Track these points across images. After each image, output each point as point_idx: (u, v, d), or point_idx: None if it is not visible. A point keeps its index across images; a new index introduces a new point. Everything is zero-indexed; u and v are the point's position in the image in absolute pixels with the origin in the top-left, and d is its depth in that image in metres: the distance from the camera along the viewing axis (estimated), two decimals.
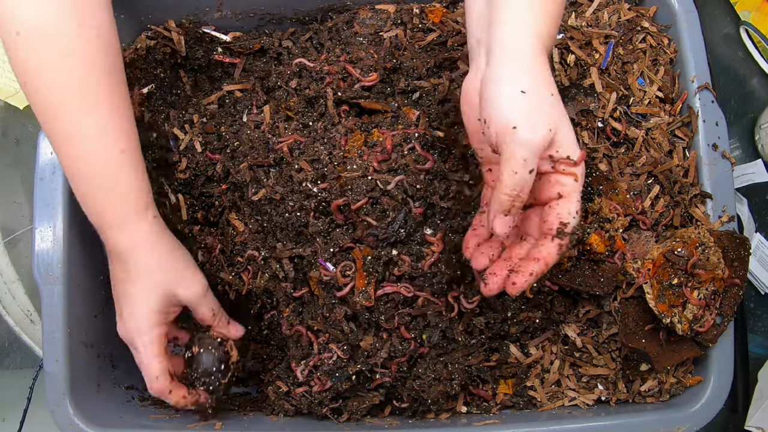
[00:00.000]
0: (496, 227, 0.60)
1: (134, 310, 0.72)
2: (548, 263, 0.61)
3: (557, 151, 0.59)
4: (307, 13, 0.90)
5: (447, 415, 0.82)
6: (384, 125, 0.80)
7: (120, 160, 0.69)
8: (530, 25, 0.60)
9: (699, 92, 0.83)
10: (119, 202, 0.70)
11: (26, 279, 0.98)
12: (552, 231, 0.61)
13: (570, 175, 0.60)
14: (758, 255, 0.97)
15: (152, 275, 0.72)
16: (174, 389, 0.74)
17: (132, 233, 0.71)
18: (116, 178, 0.69)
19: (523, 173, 0.57)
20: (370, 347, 0.77)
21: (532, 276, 0.61)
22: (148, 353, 0.73)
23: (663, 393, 0.81)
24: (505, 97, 0.58)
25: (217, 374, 0.77)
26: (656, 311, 0.76)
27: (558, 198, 0.61)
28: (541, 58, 0.60)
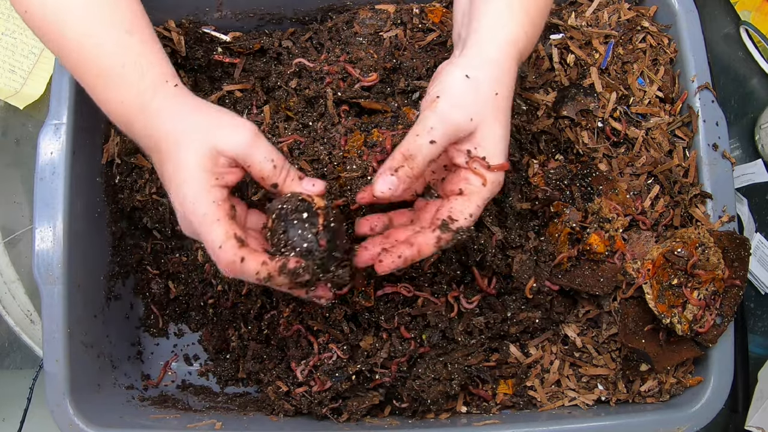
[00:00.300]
0: (377, 183, 0.59)
1: (183, 186, 0.60)
2: (421, 252, 0.60)
3: (475, 149, 0.60)
4: (307, 13, 0.90)
5: (447, 415, 0.82)
6: (384, 125, 0.80)
7: (127, 40, 0.64)
8: (506, 25, 0.62)
9: (699, 92, 0.83)
10: (135, 82, 0.63)
11: (26, 279, 0.97)
12: (437, 221, 0.60)
13: (479, 177, 0.60)
14: (758, 255, 0.97)
15: (186, 137, 0.61)
16: (248, 255, 0.58)
17: (154, 110, 0.63)
18: (125, 57, 0.63)
19: (423, 139, 0.58)
20: (370, 347, 0.77)
21: (400, 259, 0.60)
22: (206, 222, 0.59)
23: (663, 393, 0.81)
24: (450, 77, 0.60)
25: (306, 233, 0.60)
26: (656, 311, 0.76)
27: (459, 194, 0.61)
28: (506, 59, 0.61)
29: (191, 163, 0.60)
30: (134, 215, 0.90)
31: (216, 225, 0.58)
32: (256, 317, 0.85)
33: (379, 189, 0.59)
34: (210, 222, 0.59)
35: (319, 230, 0.60)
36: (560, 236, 0.79)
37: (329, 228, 0.61)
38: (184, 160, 0.60)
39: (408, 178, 0.59)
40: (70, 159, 0.78)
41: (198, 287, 0.89)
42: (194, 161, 0.60)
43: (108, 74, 0.63)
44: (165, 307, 0.92)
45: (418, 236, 0.61)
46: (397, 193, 0.59)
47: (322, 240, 0.60)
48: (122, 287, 0.90)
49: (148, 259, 0.91)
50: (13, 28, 1.02)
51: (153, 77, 0.64)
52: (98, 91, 0.65)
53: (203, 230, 0.59)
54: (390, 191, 0.58)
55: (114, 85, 0.63)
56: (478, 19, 0.63)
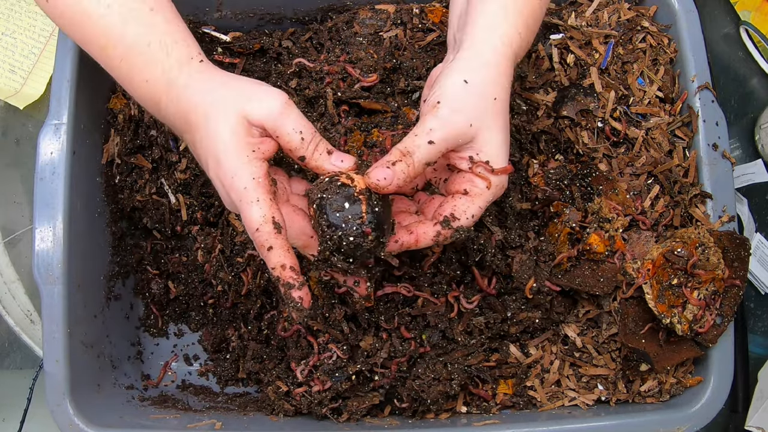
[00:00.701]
0: (372, 172, 0.58)
1: (221, 159, 0.58)
2: (418, 241, 0.61)
3: (477, 155, 0.61)
4: (307, 13, 0.90)
5: (447, 415, 0.82)
6: (384, 125, 0.80)
7: (151, 19, 0.63)
8: (500, 26, 0.62)
9: (699, 92, 0.83)
10: (161, 60, 0.62)
11: (26, 279, 0.97)
12: (440, 217, 0.61)
13: (483, 180, 0.61)
14: (758, 255, 0.97)
15: (215, 109, 0.59)
16: (276, 249, 0.56)
17: (182, 86, 0.62)
18: (149, 36, 0.62)
19: (421, 139, 0.59)
20: (370, 347, 0.77)
21: (397, 244, 0.60)
22: (246, 199, 0.57)
23: (663, 393, 0.81)
24: (449, 81, 0.60)
25: (351, 225, 0.57)
26: (656, 311, 0.76)
27: (463, 194, 0.61)
28: (502, 60, 0.62)
29: (225, 134, 0.58)
30: (134, 215, 0.90)
31: (255, 206, 0.57)
32: (256, 317, 0.85)
33: (375, 177, 0.58)
34: (249, 201, 0.57)
35: (364, 220, 0.57)
36: (560, 236, 0.79)
37: (374, 213, 0.58)
38: (214, 132, 0.59)
39: (403, 174, 0.58)
40: (70, 159, 0.78)
41: (198, 287, 0.89)
42: (227, 131, 0.58)
43: (133, 54, 0.62)
44: (165, 307, 0.93)
45: (419, 226, 0.61)
46: (390, 186, 0.58)
47: (367, 229, 0.58)
48: (122, 287, 0.90)
49: (148, 259, 0.91)
50: (13, 28, 1.02)
51: (179, 54, 0.62)
52: (123, 73, 0.64)
53: (242, 207, 0.57)
54: (385, 182, 0.58)
55: (140, 64, 0.62)
56: (473, 21, 0.63)
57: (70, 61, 0.79)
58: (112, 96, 0.88)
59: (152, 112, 0.66)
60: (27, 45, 1.02)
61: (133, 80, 0.64)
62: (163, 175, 0.88)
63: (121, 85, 0.66)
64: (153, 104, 0.64)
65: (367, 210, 0.58)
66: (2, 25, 1.02)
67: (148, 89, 0.63)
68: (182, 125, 0.62)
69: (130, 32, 0.62)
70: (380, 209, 0.59)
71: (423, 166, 0.59)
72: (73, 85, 0.79)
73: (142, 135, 0.88)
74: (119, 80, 0.65)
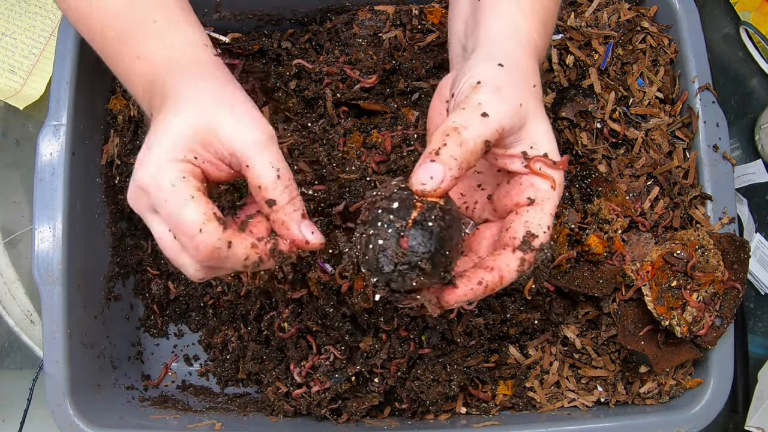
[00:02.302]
0: (415, 175, 0.45)
1: (153, 147, 0.49)
2: (503, 278, 0.48)
3: (531, 148, 0.50)
4: (306, 14, 0.90)
5: (446, 416, 0.82)
6: (383, 126, 0.80)
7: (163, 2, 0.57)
8: (521, 29, 0.55)
9: (699, 93, 0.83)
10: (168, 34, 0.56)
11: (26, 279, 0.98)
12: (515, 242, 0.49)
13: (546, 179, 0.49)
14: (758, 255, 0.97)
15: (188, 102, 0.51)
16: (235, 239, 0.48)
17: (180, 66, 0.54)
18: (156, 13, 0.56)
19: (472, 112, 0.46)
20: (370, 348, 0.77)
21: (480, 286, 0.47)
22: (176, 197, 0.47)
23: (662, 395, 0.81)
24: (481, 68, 0.51)
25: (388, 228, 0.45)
26: (655, 313, 0.76)
27: (529, 204, 0.49)
28: (528, 56, 0.54)
29: (175, 127, 0.49)
30: (134, 216, 0.90)
31: (191, 203, 0.47)
32: (256, 318, 0.85)
33: (419, 180, 0.45)
34: (181, 200, 0.47)
35: (407, 226, 0.45)
36: (559, 237, 0.79)
37: (425, 227, 0.45)
38: (169, 121, 0.49)
39: (456, 162, 0.45)
40: (69, 160, 0.78)
41: (198, 288, 0.89)
42: (180, 127, 0.49)
43: (137, 28, 0.56)
44: (165, 308, 0.93)
45: (497, 259, 0.49)
46: (444, 184, 0.45)
47: (404, 239, 0.45)
48: (122, 288, 0.90)
49: (148, 260, 0.91)
50: (13, 29, 1.02)
51: (185, 36, 0.56)
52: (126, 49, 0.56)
53: (170, 208, 0.47)
54: (433, 182, 0.45)
55: (140, 39, 0.55)
56: (486, 24, 0.56)
57: (69, 62, 0.79)
58: (111, 97, 0.88)
59: (141, 93, 0.57)
60: (27, 45, 1.02)
61: (130, 57, 0.56)
62: None
63: (112, 66, 0.59)
64: (145, 84, 0.56)
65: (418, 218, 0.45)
66: (2, 25, 1.02)
67: (145, 66, 0.55)
68: (157, 103, 0.53)
69: (133, 13, 0.56)
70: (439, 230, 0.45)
71: (482, 146, 0.47)
72: (73, 86, 0.79)
73: (141, 136, 0.88)
74: (111, 60, 0.59)
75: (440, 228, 0.45)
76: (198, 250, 0.47)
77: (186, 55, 0.55)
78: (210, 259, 0.47)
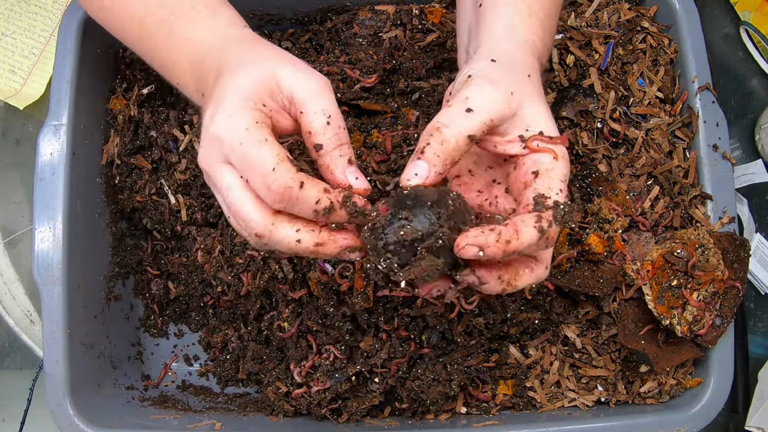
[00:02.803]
0: (404, 173, 0.49)
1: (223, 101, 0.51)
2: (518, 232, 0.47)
3: (527, 130, 0.52)
4: (307, 13, 0.90)
5: (446, 415, 0.82)
6: (383, 126, 0.80)
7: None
8: (519, 31, 0.57)
9: (699, 93, 0.83)
10: (206, 17, 0.59)
11: (26, 279, 0.98)
12: (529, 207, 0.49)
13: (547, 152, 0.51)
14: (758, 255, 0.97)
15: (248, 65, 0.53)
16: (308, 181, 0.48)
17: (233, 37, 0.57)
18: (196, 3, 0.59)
19: (457, 108, 0.49)
20: (370, 348, 0.77)
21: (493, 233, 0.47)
22: (250, 140, 0.48)
23: (663, 394, 0.81)
24: (474, 66, 0.53)
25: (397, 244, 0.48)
26: (655, 313, 0.76)
27: (535, 177, 0.51)
28: (526, 54, 0.56)
29: (242, 80, 0.51)
30: (134, 216, 0.90)
31: (265, 145, 0.48)
32: (256, 318, 0.85)
33: (405, 177, 0.50)
34: (256, 141, 0.48)
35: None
36: (559, 237, 0.79)
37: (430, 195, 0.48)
38: (234, 81, 0.51)
39: (439, 158, 0.49)
40: (69, 160, 0.78)
41: (198, 288, 0.89)
42: (247, 79, 0.51)
43: (175, 16, 0.58)
44: (165, 308, 0.93)
45: (513, 219, 0.48)
46: (428, 180, 0.49)
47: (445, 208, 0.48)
48: (122, 288, 0.90)
49: (148, 260, 0.91)
50: (13, 29, 1.02)
51: (227, 18, 0.59)
52: (162, 35, 0.59)
53: (245, 149, 0.48)
54: (417, 178, 0.49)
55: (183, 24, 0.58)
56: (489, 26, 0.58)
57: (69, 62, 0.79)
58: (111, 97, 0.88)
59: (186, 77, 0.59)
60: (27, 45, 1.02)
61: (173, 43, 0.58)
62: (163, 175, 0.88)
63: (153, 57, 0.61)
64: (192, 64, 0.57)
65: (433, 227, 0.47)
66: (2, 25, 1.02)
67: (191, 46, 0.57)
68: (211, 80, 0.55)
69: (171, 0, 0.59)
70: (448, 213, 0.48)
71: (465, 141, 0.49)
72: (73, 86, 0.79)
73: (141, 136, 0.88)
74: (151, 51, 0.61)
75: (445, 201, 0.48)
76: (270, 189, 0.47)
77: (234, 33, 0.58)
78: (282, 200, 0.48)
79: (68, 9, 0.81)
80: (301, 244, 0.50)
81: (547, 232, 0.48)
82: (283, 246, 0.50)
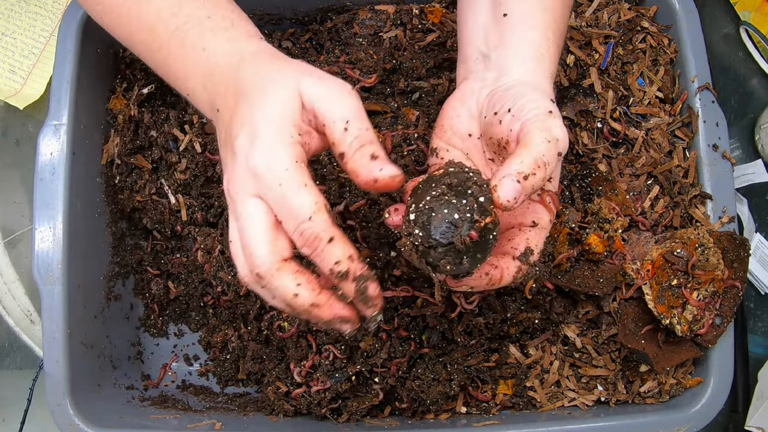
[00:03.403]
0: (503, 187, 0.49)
1: (256, 132, 0.50)
2: (503, 278, 0.55)
3: (548, 181, 0.56)
4: (307, 13, 0.90)
5: (446, 415, 0.82)
6: (384, 126, 0.80)
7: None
8: (546, 59, 0.60)
9: (699, 92, 0.83)
10: (224, 29, 0.57)
11: (26, 279, 0.98)
12: (516, 252, 0.56)
13: (549, 212, 0.57)
14: (758, 255, 0.97)
15: (272, 80, 0.52)
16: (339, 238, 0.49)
17: (250, 52, 0.56)
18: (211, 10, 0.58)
19: (554, 149, 0.52)
20: (370, 348, 0.77)
21: (487, 277, 0.54)
22: (291, 183, 0.48)
23: (663, 394, 0.81)
24: (540, 95, 0.56)
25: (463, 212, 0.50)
26: (655, 312, 0.76)
27: (532, 226, 0.57)
28: (552, 92, 0.60)
29: (273, 106, 0.50)
30: (134, 216, 0.90)
31: (305, 190, 0.48)
32: (256, 318, 0.85)
33: (505, 197, 0.49)
34: (297, 184, 0.48)
35: (480, 225, 0.49)
36: (559, 236, 0.79)
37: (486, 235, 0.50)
38: (261, 102, 0.50)
39: (531, 191, 0.50)
40: (69, 159, 0.78)
41: (198, 288, 0.89)
42: (277, 103, 0.50)
43: (189, 26, 0.57)
44: (165, 308, 0.93)
45: (501, 260, 0.55)
46: (516, 205, 0.50)
47: (472, 233, 0.48)
48: (122, 287, 0.90)
49: (148, 260, 0.91)
50: (13, 29, 1.02)
51: (244, 29, 0.58)
52: (173, 47, 0.58)
53: (286, 193, 0.48)
54: (513, 202, 0.49)
55: (196, 36, 0.56)
56: (515, 44, 0.61)
57: (69, 62, 0.79)
58: (111, 96, 0.88)
59: (198, 88, 0.58)
60: (27, 45, 1.02)
61: (185, 53, 0.57)
62: (163, 175, 0.88)
63: (162, 67, 0.60)
64: (205, 78, 0.56)
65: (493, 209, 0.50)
66: (2, 25, 1.02)
67: (205, 58, 0.56)
68: (230, 97, 0.54)
69: (186, 7, 0.57)
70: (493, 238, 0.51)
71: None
72: (73, 86, 0.79)
73: (141, 135, 0.88)
74: (161, 61, 0.60)
75: (493, 239, 0.51)
76: (301, 234, 0.48)
77: (252, 47, 0.56)
78: (308, 246, 0.48)
79: (68, 9, 0.81)
80: (297, 298, 0.50)
81: (519, 279, 0.57)
82: (279, 293, 0.50)
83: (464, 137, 0.64)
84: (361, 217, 0.75)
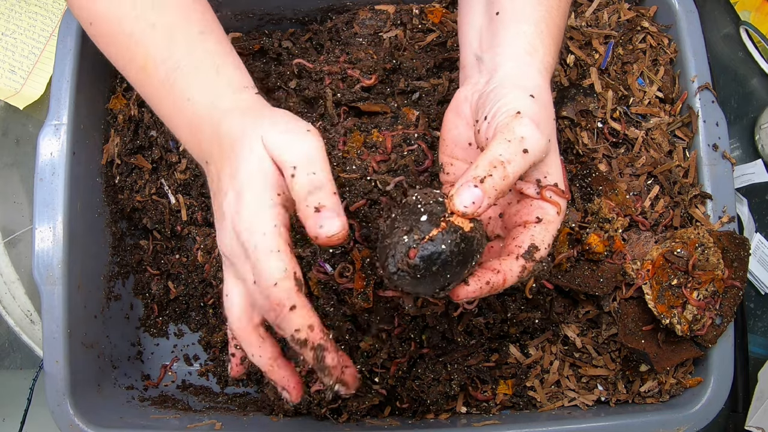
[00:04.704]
0: (459, 195, 0.49)
1: (244, 193, 0.51)
2: (506, 281, 0.53)
3: (545, 177, 0.56)
4: (307, 13, 0.90)
5: (447, 415, 0.82)
6: (384, 126, 0.80)
7: (200, 39, 0.59)
8: (539, 51, 0.59)
9: (699, 92, 0.83)
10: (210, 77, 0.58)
11: (26, 279, 0.98)
12: (520, 250, 0.54)
13: (554, 205, 0.55)
14: (758, 255, 0.97)
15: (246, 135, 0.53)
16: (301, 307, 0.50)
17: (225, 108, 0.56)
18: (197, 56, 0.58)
19: (516, 147, 0.51)
20: (370, 348, 0.77)
21: (488, 286, 0.53)
22: (264, 247, 0.49)
23: (663, 394, 0.81)
24: (514, 95, 0.55)
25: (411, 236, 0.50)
26: (655, 312, 0.76)
27: (537, 221, 0.55)
28: (546, 83, 0.58)
29: (251, 164, 0.51)
30: (134, 216, 0.90)
31: (275, 256, 0.49)
32: None
33: (462, 203, 0.49)
34: (269, 249, 0.49)
35: (423, 240, 0.49)
36: (559, 236, 0.79)
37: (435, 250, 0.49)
38: (240, 160, 0.52)
39: (495, 192, 0.50)
40: (69, 159, 0.78)
41: (198, 287, 0.89)
42: (255, 161, 0.51)
43: (179, 74, 0.58)
44: (165, 308, 0.93)
45: (504, 262, 0.54)
46: (480, 210, 0.50)
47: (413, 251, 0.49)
48: (122, 287, 0.90)
49: (148, 260, 0.91)
50: (13, 29, 1.02)
51: (230, 79, 0.58)
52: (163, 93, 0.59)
53: (258, 256, 0.50)
54: (473, 207, 0.49)
55: (184, 85, 0.57)
56: (508, 42, 0.59)
57: (70, 62, 0.79)
58: (111, 96, 0.88)
59: (186, 136, 0.59)
60: (27, 45, 1.02)
61: (173, 101, 0.58)
62: (163, 175, 0.88)
63: (154, 106, 0.61)
64: (192, 128, 0.58)
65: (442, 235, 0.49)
66: (2, 25, 1.02)
67: (190, 109, 0.57)
68: (215, 152, 0.55)
69: (176, 53, 0.58)
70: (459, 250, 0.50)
71: (516, 180, 0.52)
72: (73, 86, 0.79)
73: (141, 135, 0.88)
74: (154, 101, 0.61)
75: (450, 253, 0.49)
76: (267, 298, 0.50)
77: (232, 100, 0.57)
78: (271, 311, 0.50)
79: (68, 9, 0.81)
80: (259, 359, 0.55)
81: (524, 278, 0.55)
82: (246, 351, 0.55)
83: (465, 147, 0.63)
84: (361, 216, 0.74)
